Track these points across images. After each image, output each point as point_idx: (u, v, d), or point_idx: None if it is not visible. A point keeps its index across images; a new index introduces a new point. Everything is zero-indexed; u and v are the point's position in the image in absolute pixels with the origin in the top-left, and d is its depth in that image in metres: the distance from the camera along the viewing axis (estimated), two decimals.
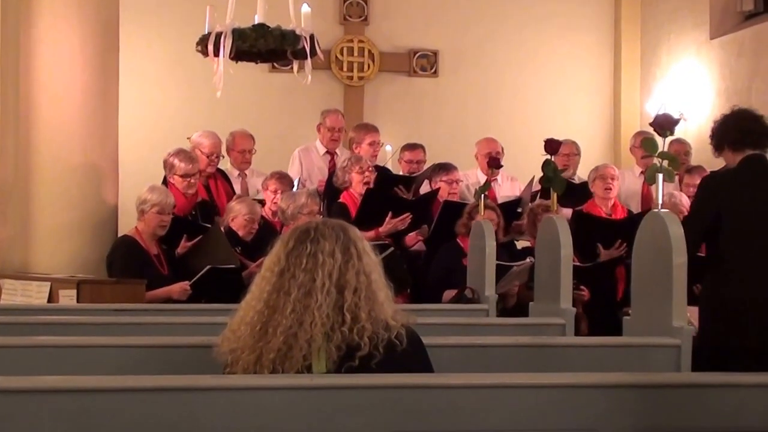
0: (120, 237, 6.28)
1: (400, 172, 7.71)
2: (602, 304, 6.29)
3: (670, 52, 9.96)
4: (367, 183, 6.92)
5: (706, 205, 4.86)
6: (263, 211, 6.85)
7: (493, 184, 7.33)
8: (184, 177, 6.46)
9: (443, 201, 7.00)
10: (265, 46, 6.29)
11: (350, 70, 10.12)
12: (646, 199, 7.74)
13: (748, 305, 4.61)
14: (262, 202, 6.99)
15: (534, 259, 5.38)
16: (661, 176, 4.14)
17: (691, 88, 9.51)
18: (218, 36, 6.24)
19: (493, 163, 7.09)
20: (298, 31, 6.31)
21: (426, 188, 7.41)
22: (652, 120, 4.48)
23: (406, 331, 2.93)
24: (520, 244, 7.27)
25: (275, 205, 6.70)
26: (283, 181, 7.02)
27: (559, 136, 5.72)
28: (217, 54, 6.26)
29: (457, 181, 7.37)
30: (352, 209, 6.79)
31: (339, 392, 2.83)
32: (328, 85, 9.94)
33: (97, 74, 6.59)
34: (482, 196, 6.17)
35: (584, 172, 7.78)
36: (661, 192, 4.16)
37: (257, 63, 6.87)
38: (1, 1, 6.32)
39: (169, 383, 2.83)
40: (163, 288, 5.77)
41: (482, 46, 10.31)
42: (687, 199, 6.82)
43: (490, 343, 3.96)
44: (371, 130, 7.80)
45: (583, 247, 6.23)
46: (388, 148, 8.29)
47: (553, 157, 5.43)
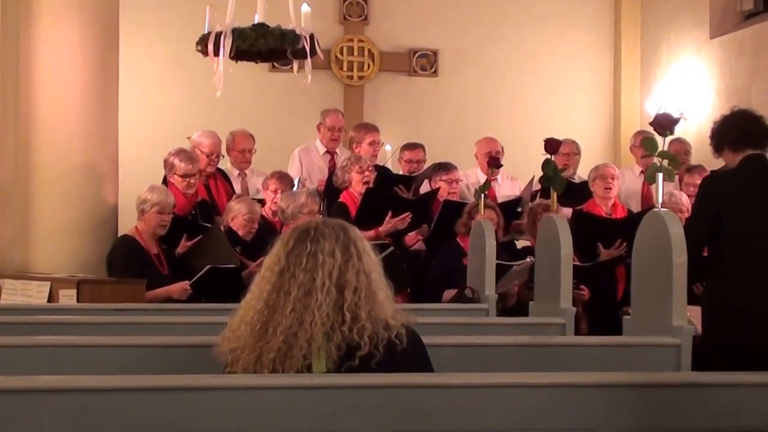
0: (120, 237, 6.28)
1: (400, 172, 7.70)
2: (602, 304, 6.29)
3: (670, 51, 9.96)
4: (367, 183, 6.92)
5: (708, 205, 4.86)
6: (263, 211, 6.85)
7: (493, 183, 7.33)
8: (184, 177, 6.45)
9: (443, 200, 7.00)
10: (265, 46, 6.29)
11: (350, 69, 10.12)
12: (646, 199, 7.73)
13: (748, 305, 4.61)
14: (263, 202, 6.99)
15: (534, 259, 5.38)
16: (661, 176, 4.13)
17: (691, 88, 9.51)
18: (218, 35, 6.24)
19: (493, 163, 7.08)
20: (298, 31, 6.31)
21: (426, 188, 7.41)
22: (652, 119, 4.47)
23: (406, 331, 2.93)
24: (520, 244, 7.27)
25: (275, 205, 6.70)
26: (284, 180, 7.02)
27: (559, 136, 5.71)
28: (217, 54, 6.26)
29: (457, 181, 7.36)
30: (352, 209, 6.79)
31: (339, 392, 2.83)
32: (328, 85, 9.94)
33: (97, 74, 6.59)
34: (482, 195, 6.17)
35: (584, 172, 7.78)
36: (661, 191, 4.15)
37: (257, 63, 6.87)
38: (1, 1, 6.31)
39: (169, 383, 2.83)
40: (163, 288, 5.77)
41: (482, 46, 10.31)
42: (687, 199, 6.81)
43: (490, 343, 3.97)
44: (371, 129, 7.80)
45: (583, 246, 6.23)
46: (388, 148, 8.29)
47: (553, 157, 5.42)
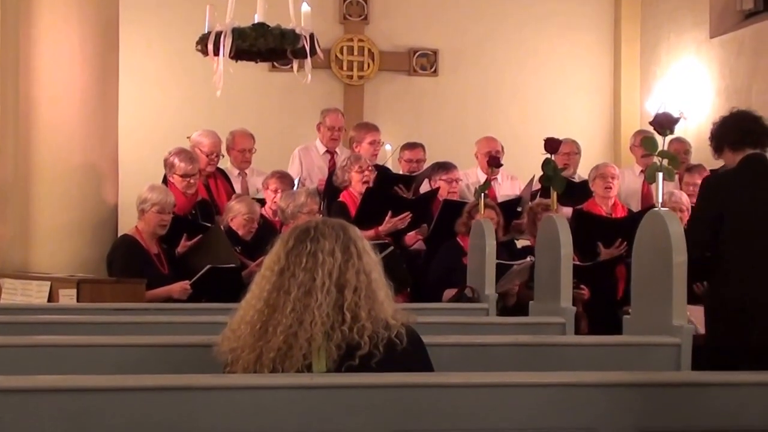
0: (120, 236, 6.27)
1: (400, 171, 7.70)
2: (602, 303, 6.29)
3: (669, 51, 9.95)
4: (367, 182, 6.91)
5: (709, 207, 4.85)
6: (264, 211, 6.85)
7: (493, 183, 7.33)
8: (183, 177, 6.45)
9: (443, 200, 7.00)
10: (264, 46, 6.28)
11: (350, 69, 10.11)
12: (646, 198, 7.73)
13: (749, 305, 4.61)
14: (263, 202, 6.99)
15: (534, 258, 5.38)
16: (661, 175, 4.13)
17: (691, 87, 9.51)
18: (218, 35, 6.24)
19: (493, 162, 7.08)
20: (297, 31, 6.31)
21: (426, 187, 7.40)
22: (652, 119, 4.46)
23: (406, 330, 2.93)
24: (520, 243, 7.27)
25: (275, 204, 6.69)
26: (284, 180, 7.02)
27: (559, 135, 5.72)
28: (217, 53, 6.25)
29: (457, 180, 7.36)
30: (352, 208, 6.79)
31: (339, 391, 2.83)
32: (328, 85, 9.94)
33: (97, 74, 6.59)
34: (482, 195, 6.17)
35: (585, 171, 7.78)
36: (661, 191, 4.15)
37: (257, 62, 6.86)
38: (1, 1, 6.31)
39: (169, 382, 2.83)
40: (163, 287, 5.77)
41: (482, 45, 10.30)
42: (687, 198, 6.81)
43: (490, 342, 3.97)
44: (372, 129, 7.79)
45: (584, 245, 6.23)
46: (388, 147, 8.29)
47: (553, 156, 5.43)
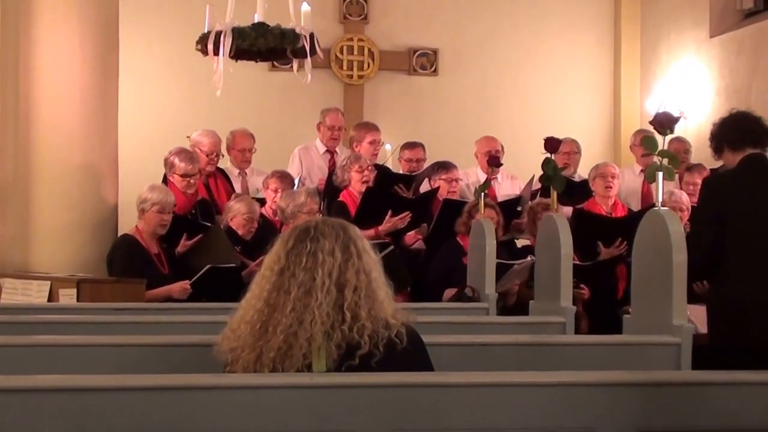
0: (120, 236, 6.27)
1: (400, 171, 7.69)
2: (602, 303, 6.29)
3: (669, 50, 9.95)
4: (366, 182, 6.91)
5: (711, 208, 4.84)
6: (264, 210, 6.85)
7: (493, 182, 7.33)
8: (183, 176, 6.44)
9: (443, 199, 6.99)
10: (264, 45, 6.28)
11: (350, 68, 10.12)
12: (646, 198, 7.73)
13: (749, 305, 4.60)
14: (263, 201, 6.99)
15: (534, 258, 5.37)
16: (661, 174, 4.13)
17: (691, 87, 9.51)
18: (218, 35, 6.24)
19: (493, 162, 7.08)
20: (297, 30, 6.31)
21: (426, 187, 7.40)
22: (652, 118, 4.46)
23: (406, 330, 2.93)
24: (520, 243, 7.27)
25: (276, 204, 6.69)
26: (284, 180, 7.01)
27: (559, 135, 5.71)
28: (216, 53, 6.25)
29: (457, 180, 7.36)
30: (352, 208, 6.79)
31: (339, 391, 2.83)
32: (328, 84, 9.94)
33: (97, 74, 6.58)
34: (482, 194, 6.17)
35: (584, 171, 7.78)
36: (661, 190, 4.15)
37: (257, 62, 6.86)
38: (1, 1, 6.31)
39: (169, 382, 2.83)
40: (163, 287, 5.77)
41: (482, 45, 10.31)
42: (687, 198, 6.81)
43: (491, 342, 3.97)
44: (372, 128, 7.79)
45: (584, 245, 6.23)
46: (388, 147, 8.29)
47: (553, 156, 5.42)
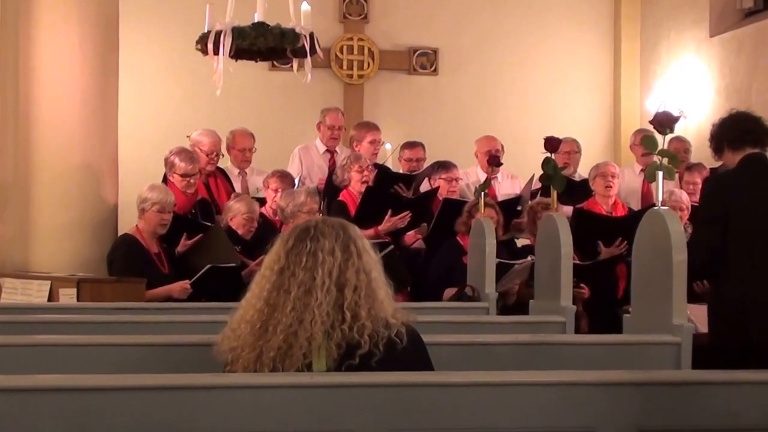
0: (120, 236, 6.27)
1: (400, 171, 7.69)
2: (602, 302, 6.29)
3: (669, 49, 9.96)
4: (366, 182, 6.91)
5: (713, 206, 4.83)
6: (264, 210, 6.85)
7: (493, 182, 7.33)
8: (183, 176, 6.44)
9: (443, 198, 6.99)
10: (264, 45, 6.28)
11: (350, 68, 10.12)
12: (646, 197, 7.73)
13: (749, 305, 4.60)
14: (263, 201, 6.99)
15: (534, 257, 5.37)
16: (661, 174, 4.13)
17: (691, 86, 9.51)
18: (218, 34, 6.24)
19: (493, 161, 7.07)
20: (297, 30, 6.31)
21: (426, 186, 7.40)
22: (651, 117, 4.46)
23: (407, 329, 2.93)
24: (521, 242, 7.27)
25: (276, 204, 6.69)
26: (285, 179, 7.01)
27: (558, 134, 5.70)
28: (216, 52, 6.25)
29: (457, 179, 7.35)
30: (351, 207, 6.79)
31: (339, 390, 2.83)
32: (328, 84, 9.94)
33: (97, 73, 6.58)
34: (482, 194, 6.17)
35: (584, 170, 7.78)
36: (661, 189, 4.15)
37: (257, 61, 6.86)
38: (1, 1, 6.30)
39: (170, 382, 2.83)
40: (163, 287, 5.77)
41: (482, 44, 10.31)
42: (687, 197, 6.81)
43: (491, 341, 3.97)
44: (372, 128, 7.79)
45: (584, 244, 6.23)
46: (388, 146, 8.29)
47: (553, 155, 5.42)
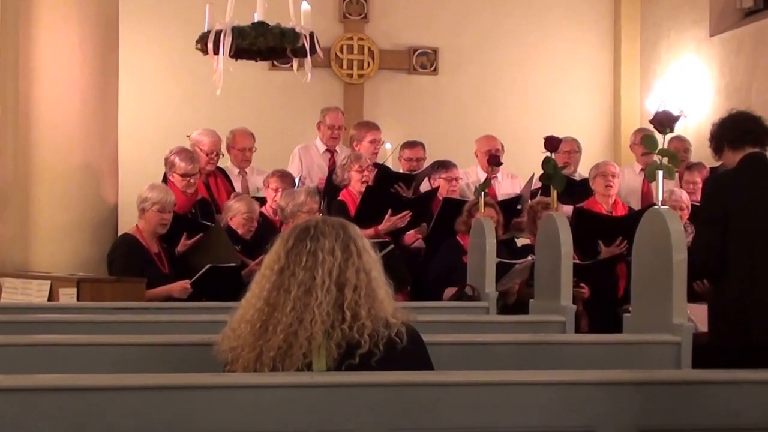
0: (121, 235, 6.27)
1: (400, 170, 7.69)
2: (603, 302, 6.29)
3: (669, 49, 9.95)
4: (366, 182, 6.91)
5: (715, 206, 4.83)
6: (264, 209, 6.85)
7: (493, 181, 7.33)
8: (183, 176, 6.44)
9: (443, 198, 6.99)
10: (264, 44, 6.28)
11: (350, 67, 10.12)
12: (646, 196, 7.73)
13: (749, 304, 4.60)
14: (263, 200, 6.99)
15: (534, 257, 5.37)
16: (661, 173, 4.13)
17: (691, 85, 9.51)
18: (218, 34, 6.23)
19: (493, 161, 7.07)
20: (297, 29, 6.31)
21: (426, 186, 7.40)
22: (651, 117, 4.46)
23: (407, 329, 2.93)
24: (521, 242, 7.27)
25: (276, 203, 6.69)
26: (285, 179, 7.01)
27: (558, 133, 5.71)
28: (216, 52, 6.25)
29: (457, 179, 7.35)
30: (351, 207, 6.79)
31: (339, 390, 2.83)
32: (328, 83, 9.94)
33: (97, 73, 6.57)
34: (482, 193, 6.17)
35: (584, 169, 7.78)
36: (661, 189, 4.15)
37: (257, 61, 6.85)
38: (1, 1, 6.30)
39: (170, 381, 2.83)
40: (163, 286, 5.77)
41: (482, 44, 10.31)
42: (687, 196, 6.82)
43: (491, 341, 3.97)
44: (372, 127, 7.79)
45: (584, 244, 6.23)
46: (388, 146, 8.29)
47: (554, 155, 5.42)
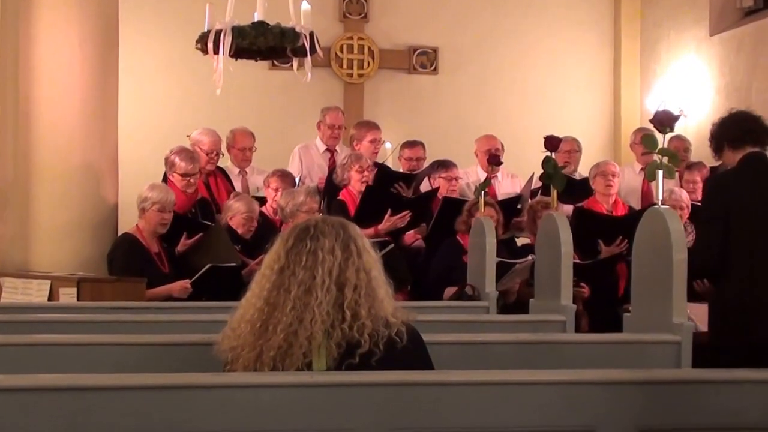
0: (121, 235, 6.27)
1: (400, 170, 7.69)
2: (603, 301, 6.29)
3: (669, 48, 9.95)
4: (366, 182, 6.91)
5: (716, 206, 4.83)
6: (265, 209, 6.85)
7: (493, 181, 7.33)
8: (183, 176, 6.44)
9: (442, 197, 6.99)
10: (264, 44, 6.28)
11: (350, 67, 10.12)
12: (646, 196, 7.73)
13: (749, 304, 4.60)
14: (263, 200, 6.99)
15: (534, 256, 5.38)
16: (661, 173, 4.13)
17: (691, 85, 9.51)
18: (218, 34, 6.23)
19: (493, 160, 7.07)
20: (297, 29, 6.31)
21: (426, 185, 7.40)
22: (652, 116, 4.46)
23: (407, 329, 2.93)
24: (521, 241, 7.28)
25: (276, 203, 6.69)
26: (285, 178, 7.01)
27: (558, 133, 5.71)
28: (216, 52, 6.25)
29: (457, 179, 7.36)
30: (351, 207, 6.79)
31: (339, 389, 2.83)
32: (328, 83, 9.94)
33: (97, 73, 6.57)
34: (482, 193, 6.17)
35: (584, 169, 7.78)
36: (661, 188, 4.15)
37: (257, 60, 6.85)
38: (1, 1, 6.30)
39: (170, 381, 2.83)
40: (163, 286, 5.77)
41: (482, 43, 10.30)
42: (687, 196, 6.82)
43: (491, 340, 3.97)
44: (372, 127, 7.79)
45: (584, 243, 6.23)
46: (388, 146, 8.29)
47: (554, 154, 5.42)
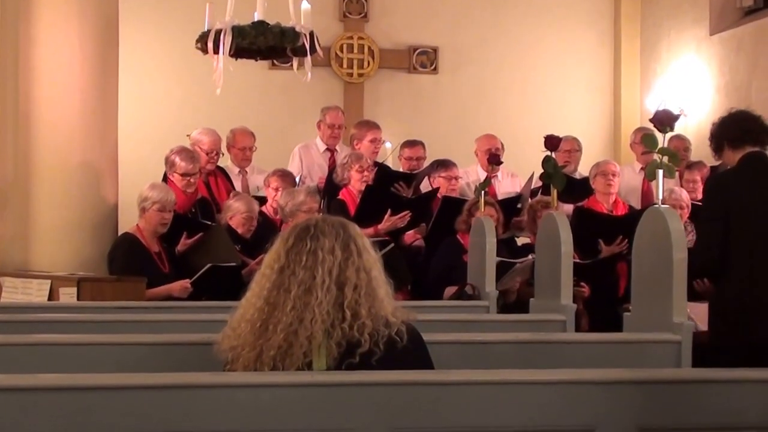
0: (121, 234, 6.26)
1: (400, 169, 7.69)
2: (603, 301, 6.29)
3: (669, 48, 9.95)
4: (366, 182, 6.91)
5: (716, 206, 4.83)
6: (265, 209, 6.85)
7: (493, 180, 7.33)
8: (184, 175, 6.44)
9: (442, 196, 6.99)
10: (264, 44, 6.28)
11: (350, 66, 10.11)
12: (646, 195, 7.73)
13: (749, 304, 4.59)
14: (264, 200, 6.98)
15: (534, 256, 5.38)
16: (661, 172, 4.13)
17: (691, 84, 9.51)
18: (218, 33, 6.23)
19: (493, 160, 7.07)
20: (297, 28, 6.31)
21: (426, 185, 7.40)
22: (652, 116, 4.46)
23: (407, 328, 2.93)
24: (521, 241, 7.28)
25: (276, 203, 6.69)
26: (286, 178, 7.02)
27: (558, 132, 5.72)
28: (216, 51, 6.25)
29: (457, 178, 7.36)
30: (351, 206, 6.79)
31: (339, 389, 2.83)
32: (328, 82, 9.94)
33: (97, 72, 6.58)
34: (482, 192, 6.17)
35: (584, 168, 7.78)
36: (661, 188, 4.15)
37: (257, 60, 6.85)
38: (1, 1, 6.30)
39: (170, 381, 2.83)
40: (163, 286, 5.76)
41: (482, 43, 10.30)
42: (687, 195, 6.82)
43: (491, 340, 3.97)
44: (373, 127, 7.80)
45: (584, 243, 6.23)
46: (388, 145, 8.29)
47: (554, 153, 5.42)
